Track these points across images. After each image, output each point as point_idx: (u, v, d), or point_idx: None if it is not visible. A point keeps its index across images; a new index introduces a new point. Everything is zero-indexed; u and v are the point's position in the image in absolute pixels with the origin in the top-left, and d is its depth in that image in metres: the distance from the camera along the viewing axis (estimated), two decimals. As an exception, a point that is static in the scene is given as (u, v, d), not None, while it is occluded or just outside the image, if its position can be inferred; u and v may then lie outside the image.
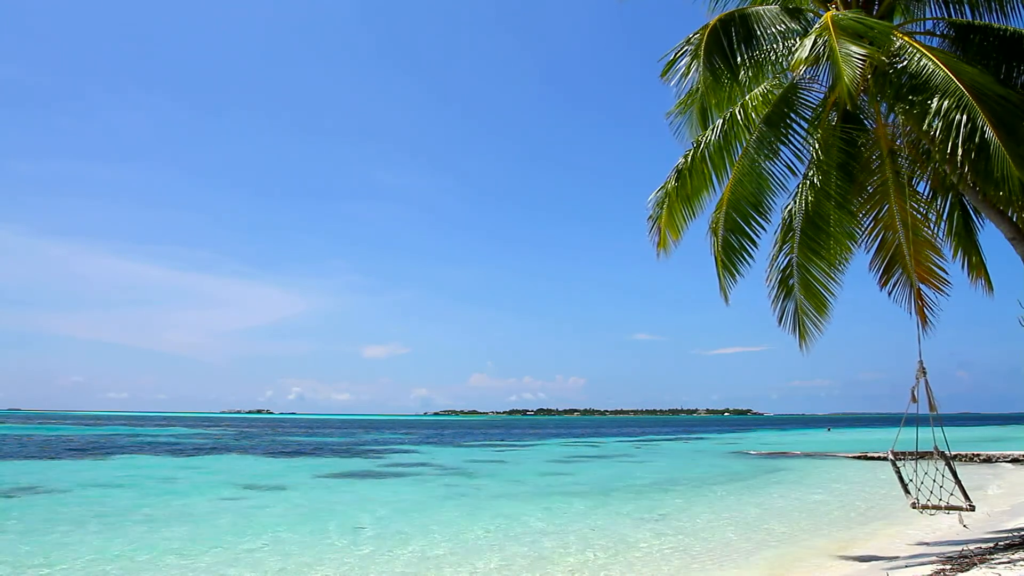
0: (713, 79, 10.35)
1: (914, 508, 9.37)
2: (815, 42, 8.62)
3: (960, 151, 8.01)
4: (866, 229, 10.76)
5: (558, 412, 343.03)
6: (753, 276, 11.39)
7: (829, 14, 8.95)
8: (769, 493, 21.43)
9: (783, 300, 11.16)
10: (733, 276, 11.14)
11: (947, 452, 9.21)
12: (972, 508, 9.11)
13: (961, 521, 9.60)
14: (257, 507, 18.10)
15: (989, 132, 7.83)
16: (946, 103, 8.20)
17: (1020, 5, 10.00)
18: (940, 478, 9.65)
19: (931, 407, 8.91)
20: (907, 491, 9.54)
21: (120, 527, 14.53)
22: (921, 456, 9.63)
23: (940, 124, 8.22)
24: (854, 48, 8.25)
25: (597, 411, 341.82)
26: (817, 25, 8.95)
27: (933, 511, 9.44)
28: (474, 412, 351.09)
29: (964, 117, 8.01)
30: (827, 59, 8.57)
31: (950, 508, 9.20)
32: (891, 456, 9.77)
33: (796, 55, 8.87)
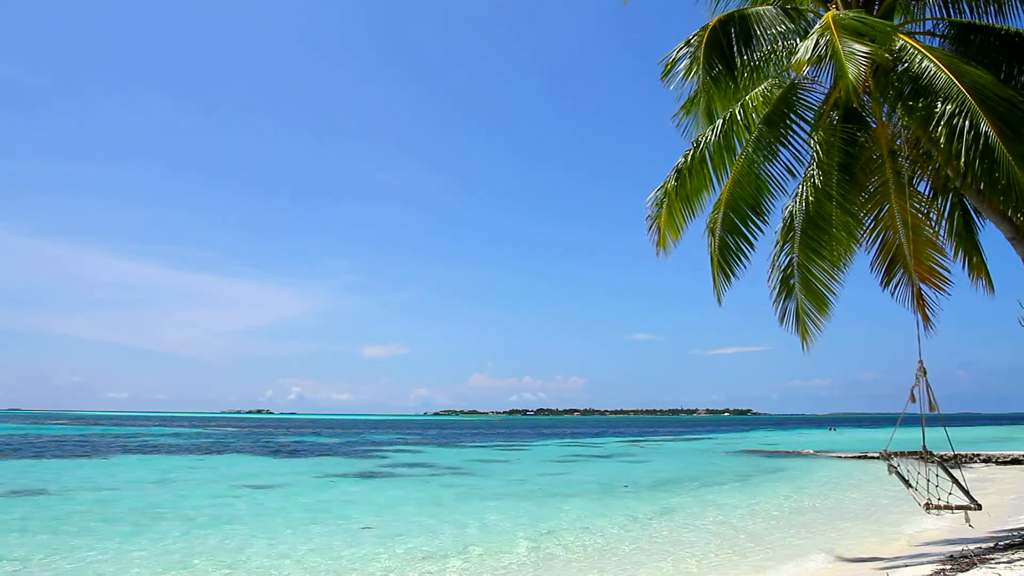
0: (713, 81, 10.34)
1: (928, 508, 9.38)
2: (817, 42, 8.55)
3: (964, 156, 7.99)
4: (867, 229, 10.75)
5: (558, 412, 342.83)
6: (753, 276, 11.38)
7: (830, 13, 8.92)
8: (769, 493, 21.43)
9: (784, 300, 11.15)
10: (728, 277, 11.11)
11: (948, 452, 9.22)
12: (979, 507, 9.14)
13: (967, 521, 9.60)
14: (257, 507, 18.10)
15: (993, 137, 7.81)
16: (949, 107, 8.16)
17: (1019, 5, 10.00)
18: (935, 478, 9.66)
19: (931, 407, 8.90)
20: (913, 490, 9.55)
21: (119, 528, 14.52)
22: (920, 456, 9.65)
23: (943, 129, 8.20)
24: (857, 46, 8.19)
25: (597, 411, 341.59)
26: (818, 25, 8.91)
27: (940, 511, 9.46)
28: (474, 412, 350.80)
29: (967, 122, 7.98)
30: (830, 58, 8.51)
31: (958, 508, 9.21)
32: (885, 456, 9.77)
33: (798, 56, 8.77)
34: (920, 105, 8.61)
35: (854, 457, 36.81)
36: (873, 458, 34.44)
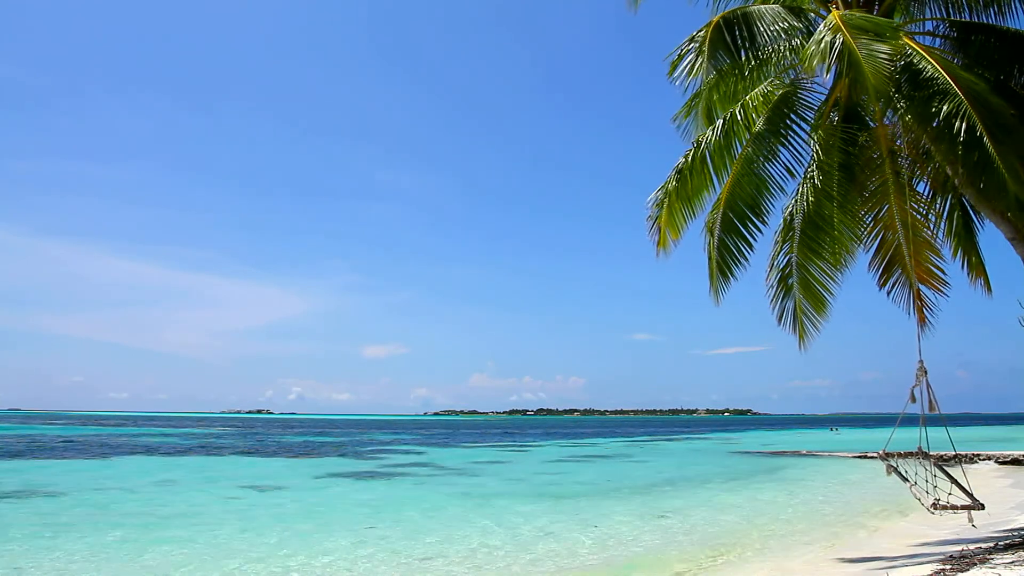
0: (718, 76, 10.31)
1: (934, 508, 9.38)
2: (832, 42, 8.34)
3: (960, 159, 7.98)
4: (866, 229, 10.74)
5: (558, 412, 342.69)
6: (753, 276, 11.37)
7: (837, 13, 8.85)
8: (769, 492, 21.43)
9: (782, 299, 11.14)
10: (726, 277, 11.10)
11: (949, 452, 9.23)
12: (982, 507, 9.15)
13: (971, 520, 9.61)
14: (257, 507, 18.11)
15: (987, 141, 7.81)
16: (945, 108, 8.16)
17: (1019, 5, 9.99)
18: (934, 478, 9.67)
19: (931, 407, 8.90)
20: (915, 490, 9.55)
21: (119, 528, 14.52)
22: (916, 456, 9.66)
23: (939, 130, 8.19)
24: (877, 45, 8.01)
25: (597, 411, 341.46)
26: (825, 24, 8.81)
27: (944, 511, 9.46)
28: (474, 412, 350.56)
29: (963, 125, 7.98)
30: (839, 57, 8.35)
31: (962, 507, 9.21)
32: (883, 457, 9.77)
33: (813, 57, 8.44)
34: (918, 102, 8.60)
35: (854, 457, 36.82)
36: (873, 458, 34.45)
